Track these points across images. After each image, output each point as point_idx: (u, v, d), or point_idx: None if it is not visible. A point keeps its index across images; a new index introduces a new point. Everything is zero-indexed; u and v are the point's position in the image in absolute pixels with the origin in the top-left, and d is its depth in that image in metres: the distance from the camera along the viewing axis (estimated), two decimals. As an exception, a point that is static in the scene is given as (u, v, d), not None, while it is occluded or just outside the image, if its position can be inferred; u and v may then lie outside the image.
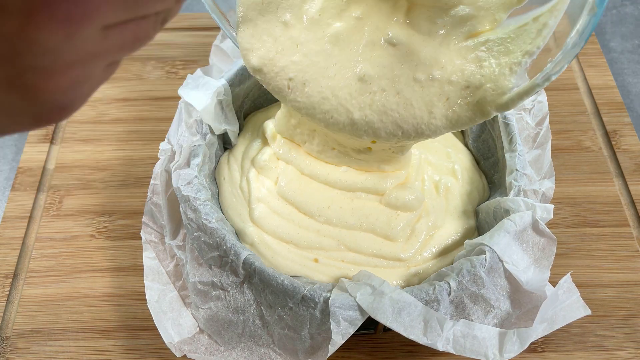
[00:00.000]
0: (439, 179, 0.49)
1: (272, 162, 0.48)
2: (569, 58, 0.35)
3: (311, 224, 0.46)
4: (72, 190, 0.57)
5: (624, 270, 0.52)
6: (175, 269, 0.46)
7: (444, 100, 0.38)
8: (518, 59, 0.36)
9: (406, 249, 0.45)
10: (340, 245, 0.45)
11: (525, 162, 0.46)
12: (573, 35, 0.34)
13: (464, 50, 0.37)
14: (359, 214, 0.46)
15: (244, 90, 0.52)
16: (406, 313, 0.37)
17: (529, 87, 0.36)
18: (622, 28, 0.73)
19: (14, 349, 0.47)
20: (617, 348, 0.48)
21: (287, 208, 0.46)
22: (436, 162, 0.50)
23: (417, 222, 0.46)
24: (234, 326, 0.41)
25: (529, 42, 0.36)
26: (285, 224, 0.46)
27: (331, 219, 0.46)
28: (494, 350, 0.38)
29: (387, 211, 0.46)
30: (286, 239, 0.45)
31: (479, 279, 0.39)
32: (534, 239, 0.41)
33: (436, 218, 0.46)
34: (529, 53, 0.36)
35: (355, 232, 0.45)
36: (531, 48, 0.36)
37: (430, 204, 0.47)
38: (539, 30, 0.35)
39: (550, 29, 0.35)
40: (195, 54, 0.68)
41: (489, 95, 0.37)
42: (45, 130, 0.61)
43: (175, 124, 0.48)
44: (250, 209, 0.46)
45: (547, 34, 0.35)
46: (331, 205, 0.46)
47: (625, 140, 0.60)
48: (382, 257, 0.45)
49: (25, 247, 0.53)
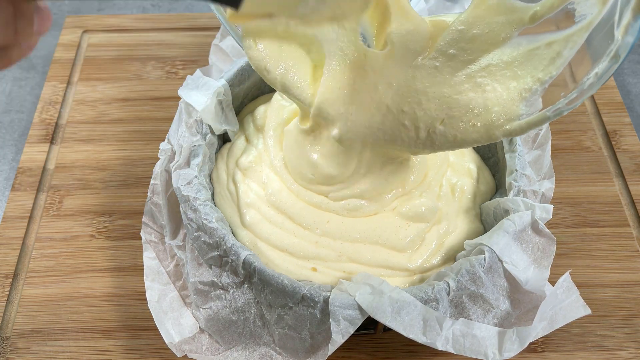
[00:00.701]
0: (456, 181, 0.47)
1: (257, 165, 0.47)
2: (584, 97, 0.34)
3: (307, 235, 0.44)
4: (72, 190, 0.57)
5: (624, 270, 0.52)
6: (175, 269, 0.46)
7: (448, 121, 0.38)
8: (529, 84, 0.35)
9: (414, 259, 0.43)
10: (342, 257, 0.43)
11: (525, 163, 0.46)
12: (591, 76, 0.33)
13: (464, 78, 0.37)
14: (363, 227, 0.44)
15: (244, 90, 0.52)
16: (405, 312, 0.37)
17: (539, 118, 0.35)
18: (622, 28, 0.73)
19: (14, 349, 0.47)
20: (617, 348, 0.48)
21: (279, 217, 0.45)
22: (454, 160, 0.49)
23: (428, 232, 0.45)
24: (235, 326, 0.41)
25: (540, 69, 0.35)
26: (279, 232, 0.44)
27: (331, 232, 0.44)
28: (493, 349, 0.38)
29: (396, 222, 0.44)
30: (280, 247, 0.43)
31: (477, 279, 0.39)
32: (533, 239, 0.41)
33: (449, 224, 0.45)
34: (540, 81, 0.35)
35: (358, 244, 0.44)
36: (543, 76, 0.35)
37: (444, 211, 0.46)
38: (552, 59, 0.34)
39: (564, 60, 0.34)
40: (195, 54, 0.68)
41: (496, 119, 0.36)
42: (45, 130, 0.61)
43: (176, 124, 0.48)
44: (241, 213, 0.45)
45: (560, 64, 0.34)
46: (330, 219, 0.44)
47: (625, 140, 0.60)
48: (388, 268, 0.43)
49: (25, 247, 0.53)
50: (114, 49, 0.68)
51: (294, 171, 0.46)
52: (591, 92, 0.33)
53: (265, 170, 0.47)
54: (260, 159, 0.48)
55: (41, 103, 0.63)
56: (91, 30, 0.70)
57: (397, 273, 0.43)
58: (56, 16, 0.74)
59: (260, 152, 0.48)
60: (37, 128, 0.61)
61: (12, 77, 0.68)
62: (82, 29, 0.70)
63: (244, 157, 0.48)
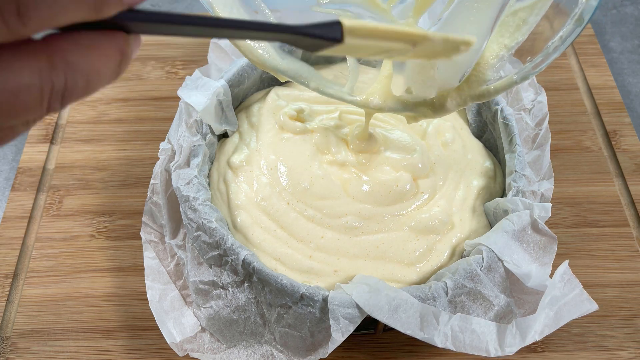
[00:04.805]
0: (477, 183, 0.46)
1: (248, 164, 0.46)
2: (549, 60, 0.35)
3: (301, 248, 0.42)
4: (72, 190, 0.57)
5: (624, 270, 0.52)
6: (175, 268, 0.46)
7: None
8: (495, 51, 0.36)
9: (422, 270, 0.42)
10: (338, 272, 0.41)
11: (525, 163, 0.46)
12: (556, 40, 0.34)
13: None
14: (364, 244, 0.42)
15: (244, 90, 0.52)
16: (402, 310, 0.37)
17: (506, 83, 0.36)
18: (622, 28, 0.73)
19: (14, 349, 0.47)
20: (617, 348, 0.48)
21: (270, 224, 0.43)
22: (472, 158, 0.48)
23: (440, 242, 0.43)
24: (236, 324, 0.41)
25: (507, 36, 0.35)
26: (270, 239, 0.43)
27: (326, 248, 0.42)
28: (494, 345, 0.37)
29: (404, 235, 0.43)
30: (273, 255, 0.42)
31: (475, 277, 0.39)
32: (534, 238, 0.41)
33: (462, 230, 0.44)
34: (506, 47, 0.35)
35: (359, 260, 0.42)
36: (509, 42, 0.35)
37: (457, 217, 0.44)
38: (518, 26, 0.35)
39: (529, 26, 0.35)
40: (195, 54, 0.68)
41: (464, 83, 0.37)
42: (45, 130, 0.61)
43: (176, 123, 0.48)
44: (232, 215, 0.44)
45: (526, 30, 0.35)
46: (325, 235, 0.43)
47: (625, 140, 0.60)
48: (393, 281, 0.41)
49: (25, 247, 0.53)
50: (114, 49, 0.68)
51: (289, 179, 0.45)
52: (555, 56, 0.34)
53: (256, 172, 0.46)
54: (252, 158, 0.47)
55: (41, 103, 0.63)
56: (91, 30, 0.70)
57: (402, 284, 0.41)
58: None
59: (253, 152, 0.48)
60: (37, 128, 0.61)
61: (12, 77, 0.68)
62: (82, 29, 0.70)
63: (236, 155, 0.47)
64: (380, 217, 0.43)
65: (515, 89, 0.51)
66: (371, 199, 0.44)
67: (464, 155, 0.48)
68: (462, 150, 0.48)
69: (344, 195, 0.44)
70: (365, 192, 0.44)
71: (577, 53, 0.68)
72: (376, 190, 0.44)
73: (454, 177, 0.46)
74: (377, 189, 0.44)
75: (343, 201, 0.44)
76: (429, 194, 0.45)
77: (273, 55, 0.40)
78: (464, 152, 0.48)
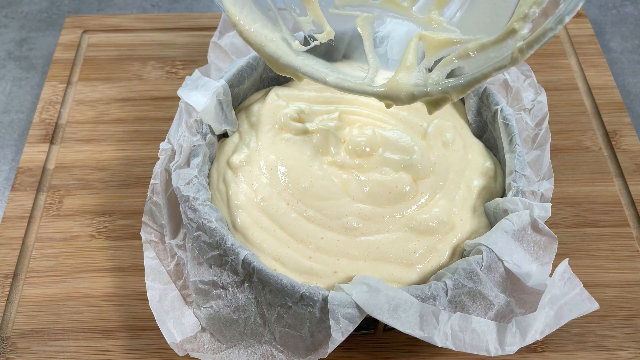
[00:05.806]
0: (477, 183, 0.46)
1: (248, 164, 0.46)
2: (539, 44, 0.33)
3: (301, 248, 0.42)
4: (72, 190, 0.57)
5: (624, 270, 0.52)
6: (176, 268, 0.46)
7: None
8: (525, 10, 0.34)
9: (423, 271, 0.42)
10: (338, 274, 0.41)
11: (525, 163, 0.46)
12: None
13: None
14: (364, 245, 0.42)
15: (244, 90, 0.52)
16: (402, 309, 0.37)
17: (541, 32, 0.33)
18: (622, 28, 0.73)
19: (14, 349, 0.47)
20: (617, 348, 0.48)
21: (270, 224, 0.43)
22: (472, 158, 0.48)
23: (441, 243, 0.43)
24: (236, 324, 0.41)
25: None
26: (270, 239, 0.43)
27: (326, 248, 0.42)
28: (494, 344, 0.37)
29: (404, 236, 0.43)
30: (273, 255, 0.42)
31: (475, 277, 0.39)
32: (534, 238, 0.41)
33: (463, 230, 0.44)
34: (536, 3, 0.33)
35: (358, 261, 0.42)
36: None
37: (458, 217, 0.44)
38: None
39: None
40: (195, 54, 0.68)
41: None
42: (45, 130, 0.61)
43: (176, 123, 0.48)
44: (232, 215, 0.44)
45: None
46: (324, 236, 0.43)
47: (625, 140, 0.60)
48: (393, 282, 0.41)
49: (25, 247, 0.53)
50: (114, 49, 0.68)
51: (289, 180, 0.45)
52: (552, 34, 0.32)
53: (256, 172, 0.46)
54: (252, 158, 0.47)
55: (41, 103, 0.63)
56: (91, 30, 0.70)
57: (403, 284, 0.41)
58: (56, 16, 0.74)
59: (252, 152, 0.48)
60: (37, 128, 0.61)
61: (12, 77, 0.68)
62: (82, 29, 0.70)
63: (236, 155, 0.47)
64: (380, 218, 0.44)
65: (516, 89, 0.51)
66: (371, 200, 0.44)
67: (465, 155, 0.48)
68: (463, 150, 0.48)
69: (344, 196, 0.44)
70: (366, 192, 0.44)
71: (577, 53, 0.68)
72: (376, 191, 0.44)
73: (455, 177, 0.46)
74: (377, 190, 0.44)
75: (343, 202, 0.44)
76: (430, 194, 0.45)
77: (287, 51, 0.39)
78: (465, 152, 0.48)
